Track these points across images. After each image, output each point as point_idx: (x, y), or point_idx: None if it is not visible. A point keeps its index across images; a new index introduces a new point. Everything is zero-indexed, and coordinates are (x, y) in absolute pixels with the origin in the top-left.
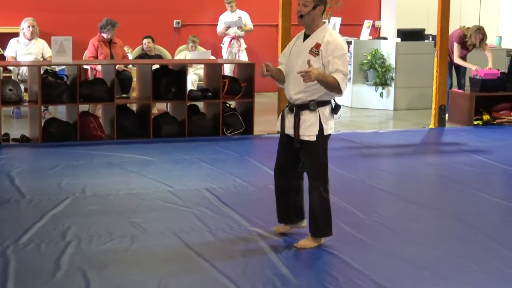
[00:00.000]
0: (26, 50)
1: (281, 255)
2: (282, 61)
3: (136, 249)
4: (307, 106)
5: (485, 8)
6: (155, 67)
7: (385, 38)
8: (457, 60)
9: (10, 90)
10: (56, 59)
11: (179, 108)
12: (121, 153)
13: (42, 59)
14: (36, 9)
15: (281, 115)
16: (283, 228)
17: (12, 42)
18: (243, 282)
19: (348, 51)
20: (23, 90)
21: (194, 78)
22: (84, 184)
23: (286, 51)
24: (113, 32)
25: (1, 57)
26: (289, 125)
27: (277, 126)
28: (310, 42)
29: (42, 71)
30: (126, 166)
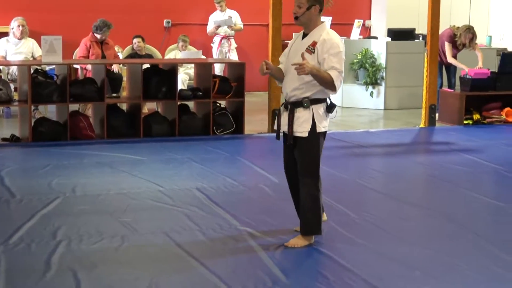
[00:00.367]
0: (16, 50)
1: (272, 255)
2: (282, 61)
3: (127, 249)
4: (301, 103)
5: (475, 8)
6: (146, 67)
7: (376, 38)
8: (451, 60)
9: (0, 90)
10: (46, 59)
11: (170, 108)
12: (112, 153)
13: (32, 59)
14: (26, 9)
15: (278, 113)
16: None
17: (2, 42)
18: (234, 282)
19: None
20: (13, 90)
21: (185, 78)
22: (75, 184)
23: (287, 51)
24: (108, 34)
25: None
26: (284, 122)
27: (274, 125)
28: (308, 41)
29: (32, 71)
30: (117, 166)
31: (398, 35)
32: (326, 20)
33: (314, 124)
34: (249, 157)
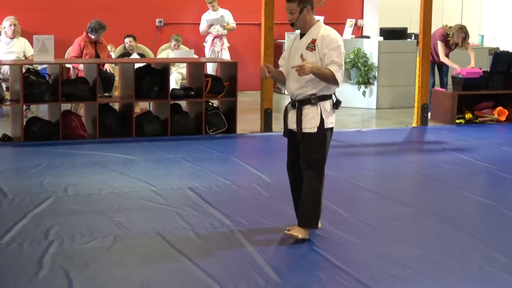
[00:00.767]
0: (8, 49)
1: (264, 254)
2: (282, 63)
3: (119, 248)
4: (309, 101)
5: (467, 7)
6: (138, 66)
7: (368, 37)
8: (444, 59)
9: None
10: (38, 58)
11: (162, 107)
12: (104, 152)
13: (24, 58)
14: (18, 8)
15: (284, 112)
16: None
17: None
18: (226, 281)
19: None
20: (5, 89)
21: (178, 77)
22: (67, 183)
23: (286, 53)
24: (102, 35)
25: None
26: (292, 120)
27: (282, 124)
28: (307, 39)
29: (24, 70)
30: (109, 165)
31: (390, 35)
32: (319, 20)
33: (322, 120)
34: (242, 157)
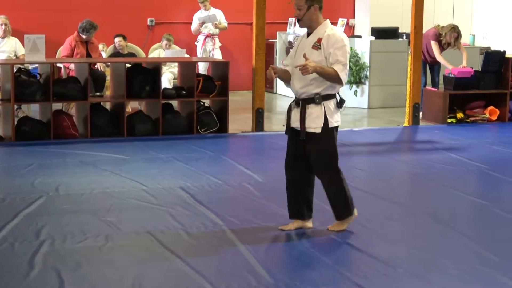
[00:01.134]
0: None
1: (256, 254)
2: (288, 63)
3: (110, 248)
4: (313, 100)
5: (459, 7)
6: (129, 65)
7: (359, 37)
8: (440, 58)
9: None
10: (29, 58)
11: (153, 107)
12: (95, 152)
13: (15, 57)
14: (9, 7)
15: (287, 110)
16: (292, 226)
17: None
18: (218, 281)
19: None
20: None
21: (170, 76)
22: (58, 183)
23: (292, 52)
24: (93, 34)
25: None
26: (295, 119)
27: (284, 122)
28: (313, 39)
29: (15, 70)
30: (100, 165)
31: (382, 34)
32: None
33: (326, 120)
34: (233, 156)
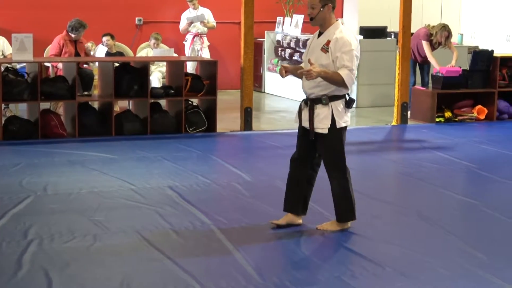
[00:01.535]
0: None
1: (245, 253)
2: (304, 59)
3: (99, 248)
4: (320, 100)
5: (447, 6)
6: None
7: None
8: (431, 58)
9: None
10: (17, 57)
11: (141, 106)
12: (83, 151)
13: (2, 57)
14: None
15: (298, 108)
16: (283, 220)
17: None
18: (207, 280)
19: None
20: None
21: (159, 75)
22: (46, 183)
23: (306, 50)
24: (83, 33)
25: None
26: (305, 118)
27: (295, 118)
28: (323, 39)
29: (3, 69)
30: (88, 164)
31: (370, 33)
32: (299, 18)
33: (334, 120)
34: (222, 155)
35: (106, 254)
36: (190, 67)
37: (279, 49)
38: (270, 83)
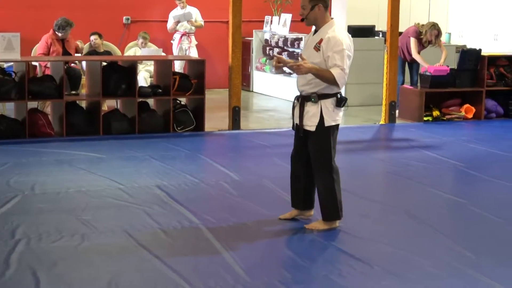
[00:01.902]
0: None
1: (233, 252)
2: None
3: (86, 247)
4: (310, 98)
5: (435, 5)
6: (105, 64)
7: None
8: (416, 56)
9: None
10: (4, 56)
11: (129, 105)
12: (71, 151)
13: None
14: None
15: (292, 105)
16: (289, 214)
17: None
18: (195, 280)
19: (298, 48)
20: None
21: (147, 75)
22: (33, 182)
23: (303, 46)
24: (69, 32)
25: None
26: (296, 115)
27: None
28: (317, 38)
29: None
30: (76, 164)
31: (358, 32)
32: (287, 17)
33: (322, 118)
34: (210, 155)
35: (94, 254)
36: (178, 66)
37: (267, 48)
38: (258, 82)
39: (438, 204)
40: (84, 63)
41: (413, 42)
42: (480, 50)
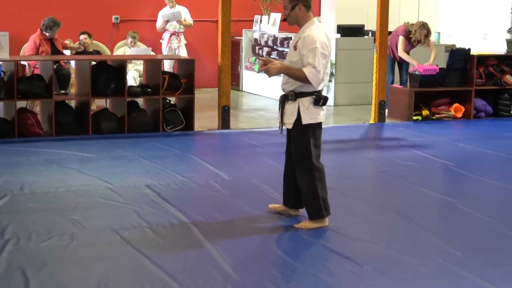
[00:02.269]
0: None
1: (222, 250)
2: None
3: (76, 247)
4: (288, 97)
5: (424, 4)
6: (94, 63)
7: None
8: (402, 54)
9: None
10: None
11: (119, 104)
12: (60, 150)
13: None
14: None
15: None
16: (279, 206)
17: None
18: (184, 278)
19: (287, 47)
20: None
21: (136, 74)
22: (23, 182)
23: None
24: (57, 31)
25: None
26: (279, 113)
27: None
28: (296, 37)
29: None
30: (65, 163)
31: (348, 32)
32: (276, 17)
33: (299, 116)
34: (199, 154)
35: (84, 253)
36: (167, 66)
37: (257, 48)
38: (248, 82)
39: (428, 203)
40: (73, 63)
41: (401, 41)
42: (470, 50)
